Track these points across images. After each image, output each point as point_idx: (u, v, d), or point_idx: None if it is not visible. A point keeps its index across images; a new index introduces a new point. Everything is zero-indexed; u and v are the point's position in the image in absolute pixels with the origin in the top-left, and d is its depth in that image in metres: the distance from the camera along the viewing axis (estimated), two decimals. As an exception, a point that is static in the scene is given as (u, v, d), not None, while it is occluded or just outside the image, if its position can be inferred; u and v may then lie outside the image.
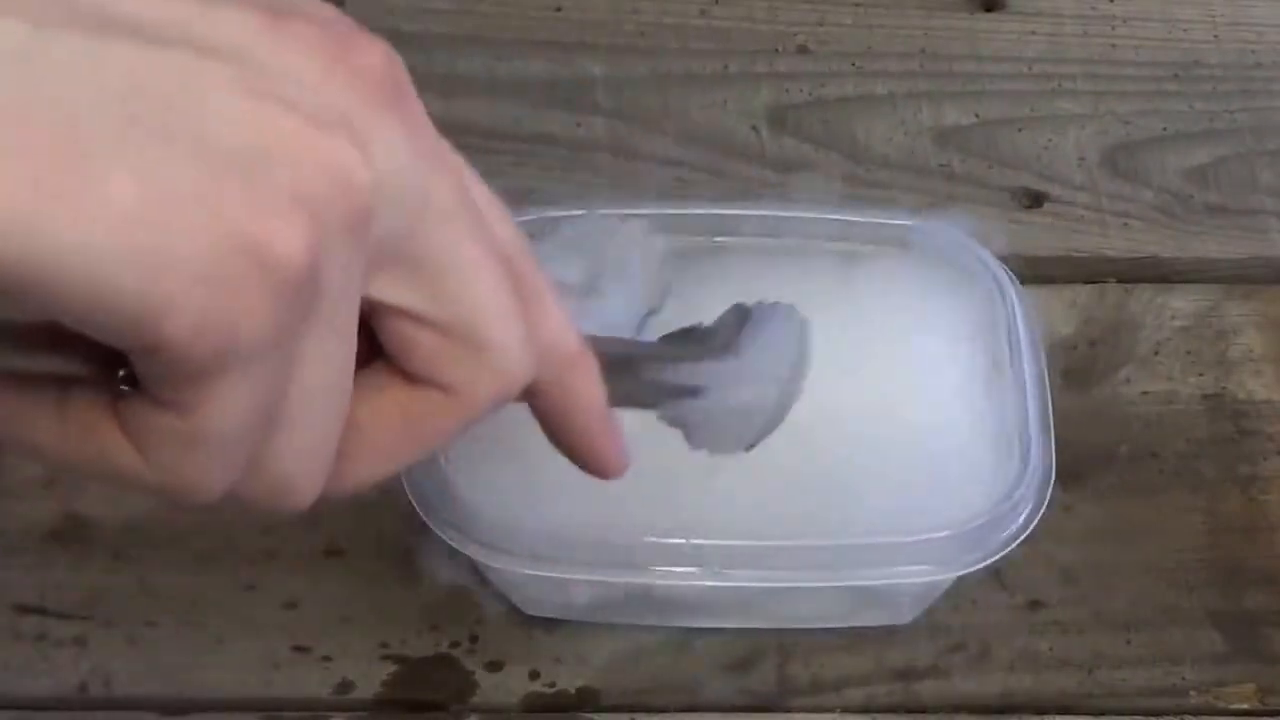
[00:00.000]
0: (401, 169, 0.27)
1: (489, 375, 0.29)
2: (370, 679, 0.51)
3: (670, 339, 0.40)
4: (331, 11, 0.28)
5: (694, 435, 0.40)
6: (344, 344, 0.27)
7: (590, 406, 0.32)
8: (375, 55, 0.27)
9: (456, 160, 0.29)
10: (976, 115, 0.65)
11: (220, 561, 0.52)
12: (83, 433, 0.27)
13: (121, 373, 0.26)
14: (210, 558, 0.53)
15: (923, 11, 0.67)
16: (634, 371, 0.38)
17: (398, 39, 0.26)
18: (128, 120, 0.23)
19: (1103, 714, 0.51)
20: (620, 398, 0.35)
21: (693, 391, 0.39)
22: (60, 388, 0.27)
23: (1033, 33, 0.67)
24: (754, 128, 0.64)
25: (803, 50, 0.66)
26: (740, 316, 0.41)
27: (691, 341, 0.40)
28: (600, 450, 0.33)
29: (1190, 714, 0.51)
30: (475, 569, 0.50)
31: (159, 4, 0.25)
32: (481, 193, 0.30)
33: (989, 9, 0.68)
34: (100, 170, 0.23)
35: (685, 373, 0.39)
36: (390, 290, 0.28)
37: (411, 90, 0.28)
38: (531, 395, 0.31)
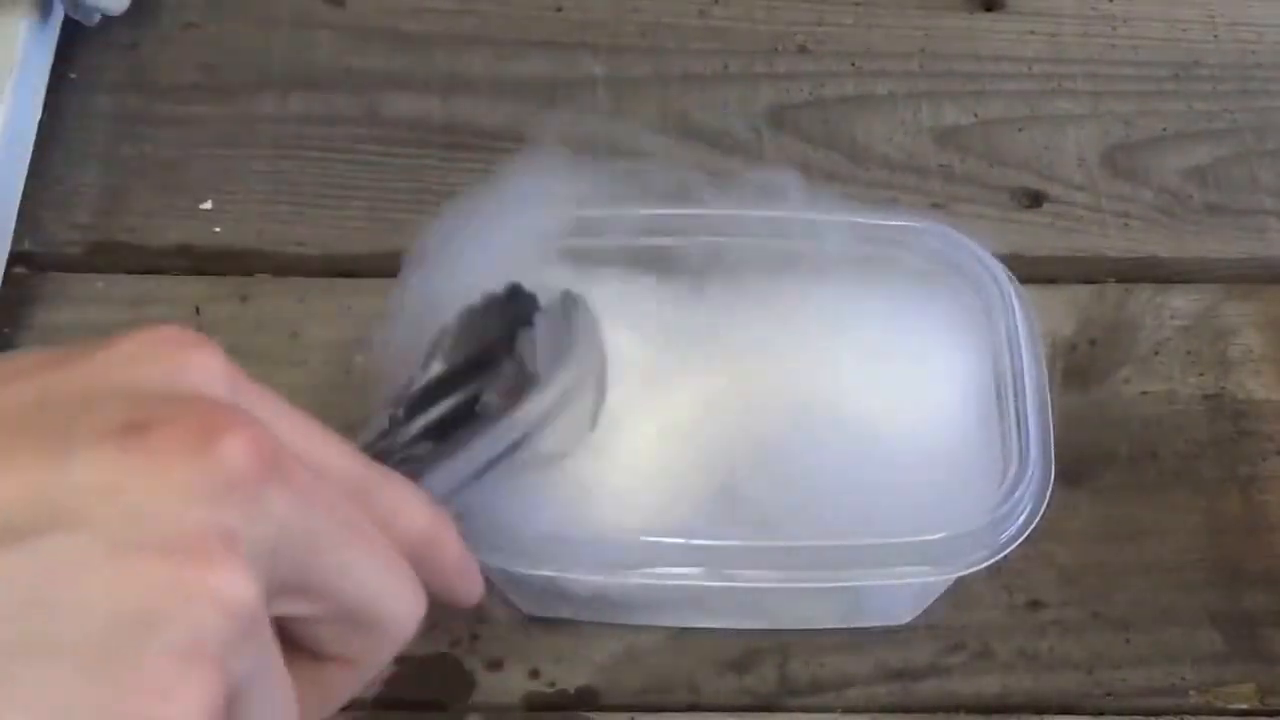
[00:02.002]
0: (285, 530, 0.28)
1: (386, 642, 0.32)
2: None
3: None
4: (193, 371, 0.29)
5: (540, 463, 0.42)
6: (278, 690, 0.29)
7: (450, 566, 0.35)
8: (238, 445, 0.27)
9: (323, 470, 0.31)
10: (976, 115, 0.65)
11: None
12: None
13: None
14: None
15: (923, 11, 0.68)
16: (465, 465, 0.39)
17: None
18: (17, 643, 0.24)
19: (1102, 714, 0.51)
20: (459, 486, 0.38)
21: (514, 445, 0.40)
22: None
23: (1033, 33, 0.67)
24: (754, 128, 0.64)
25: (803, 50, 0.66)
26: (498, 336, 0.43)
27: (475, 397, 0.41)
28: (460, 593, 0.36)
29: (1190, 714, 0.51)
30: (475, 569, 0.50)
31: (12, 478, 0.25)
32: (340, 460, 0.32)
33: (989, 9, 0.68)
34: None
35: (501, 432, 0.40)
36: (290, 607, 0.29)
37: (279, 451, 0.28)
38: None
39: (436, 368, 0.42)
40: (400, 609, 0.32)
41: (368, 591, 0.31)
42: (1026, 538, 0.46)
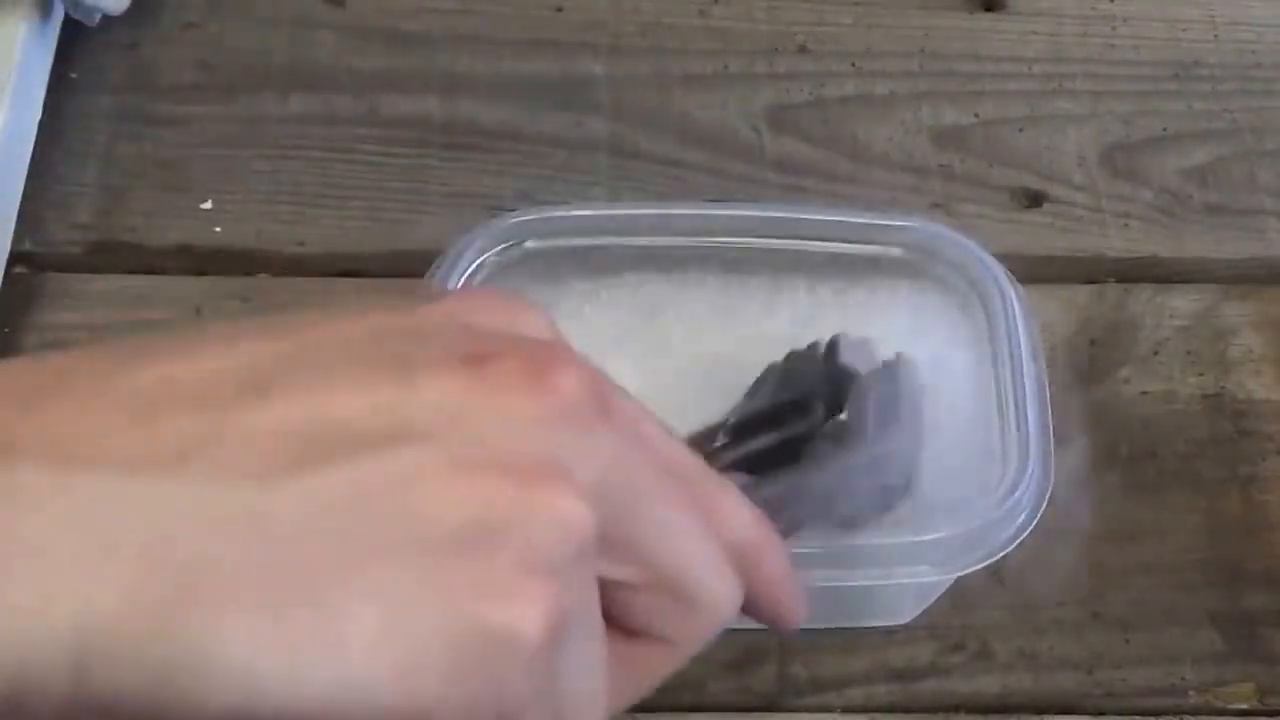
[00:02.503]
0: (609, 472, 0.28)
1: (703, 623, 0.31)
2: (370, 678, 0.51)
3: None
4: (521, 322, 0.30)
5: (850, 521, 0.43)
6: (597, 638, 0.29)
7: (777, 583, 0.34)
8: (572, 378, 0.28)
9: (649, 431, 0.31)
10: (976, 115, 0.65)
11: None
12: None
13: None
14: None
15: (923, 11, 0.68)
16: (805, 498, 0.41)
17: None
18: (357, 543, 0.25)
19: (1102, 714, 0.51)
20: (797, 526, 0.39)
21: (855, 486, 0.42)
22: None
23: (1033, 33, 0.67)
24: (754, 128, 0.64)
25: (803, 50, 0.66)
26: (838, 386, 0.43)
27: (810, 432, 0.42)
28: (786, 615, 0.35)
29: (1189, 714, 0.51)
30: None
31: (361, 395, 0.26)
32: (664, 440, 0.32)
33: (989, 9, 0.68)
34: (343, 609, 0.25)
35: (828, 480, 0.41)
36: (607, 568, 0.29)
37: (608, 389, 0.29)
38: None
39: (761, 402, 0.43)
40: (719, 589, 0.31)
41: (687, 562, 0.30)
42: (1026, 537, 0.46)
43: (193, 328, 0.26)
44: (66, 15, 0.63)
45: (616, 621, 0.31)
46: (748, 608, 0.34)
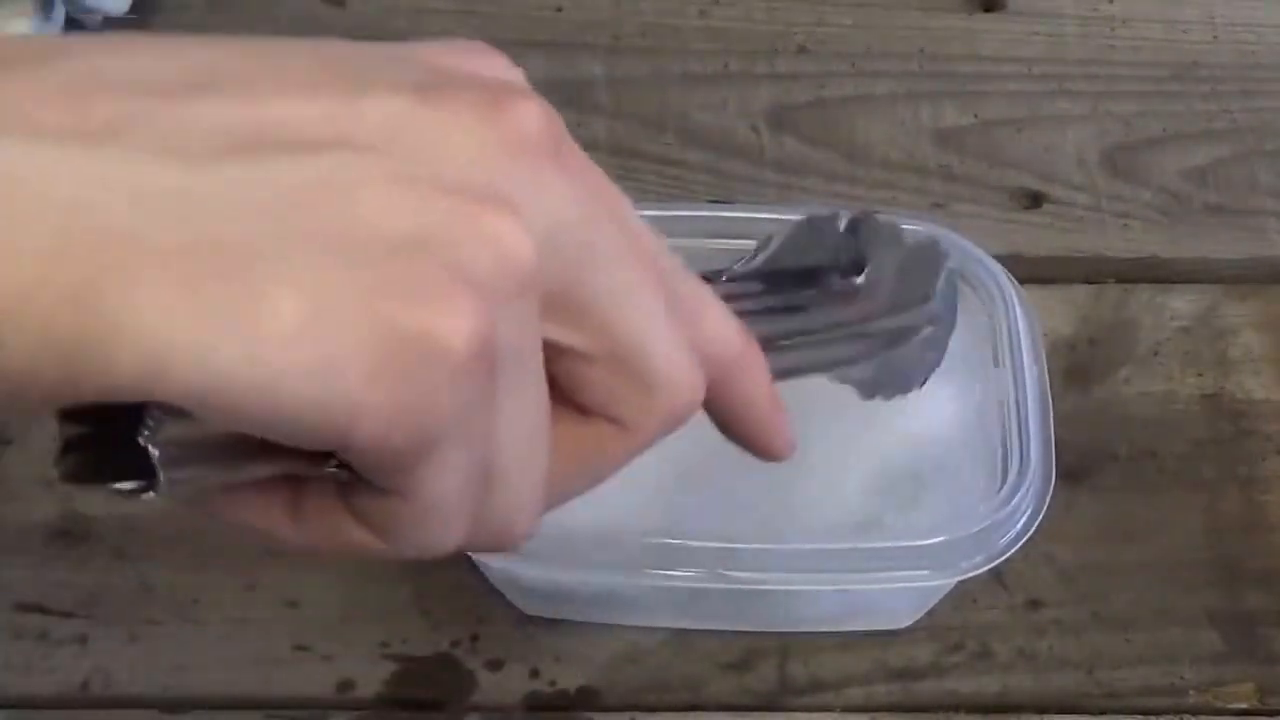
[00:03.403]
0: (562, 223, 0.27)
1: (659, 407, 0.30)
2: (371, 678, 0.51)
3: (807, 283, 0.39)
4: (484, 64, 0.28)
5: (866, 388, 0.40)
6: (536, 391, 0.28)
7: (758, 400, 0.33)
8: (529, 114, 0.27)
9: (613, 196, 0.29)
10: (976, 115, 0.65)
11: (221, 560, 0.53)
12: (319, 524, 0.28)
13: (334, 463, 0.26)
14: (211, 556, 0.53)
15: (922, 11, 0.68)
16: (802, 345, 0.38)
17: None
18: (284, 236, 0.24)
19: (1102, 713, 0.51)
20: (790, 370, 0.36)
21: (864, 349, 0.39)
22: (292, 487, 0.28)
23: (1033, 33, 0.67)
24: (754, 128, 0.64)
25: (803, 50, 0.66)
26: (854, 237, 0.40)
27: (834, 285, 0.39)
28: (769, 439, 0.34)
29: (1189, 713, 0.51)
30: (476, 568, 0.50)
31: (306, 103, 0.25)
32: (634, 218, 0.30)
33: (989, 9, 0.68)
34: (263, 292, 0.24)
35: (853, 324, 0.39)
36: (558, 332, 0.28)
37: (569, 140, 0.28)
38: (713, 387, 0.32)
39: (763, 262, 0.40)
40: (679, 372, 0.30)
41: (645, 335, 0.29)
42: (1027, 538, 0.47)
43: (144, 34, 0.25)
44: (68, 16, 0.63)
45: (567, 395, 0.29)
46: (725, 427, 0.33)
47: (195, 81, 0.25)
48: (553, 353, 0.28)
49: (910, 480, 0.48)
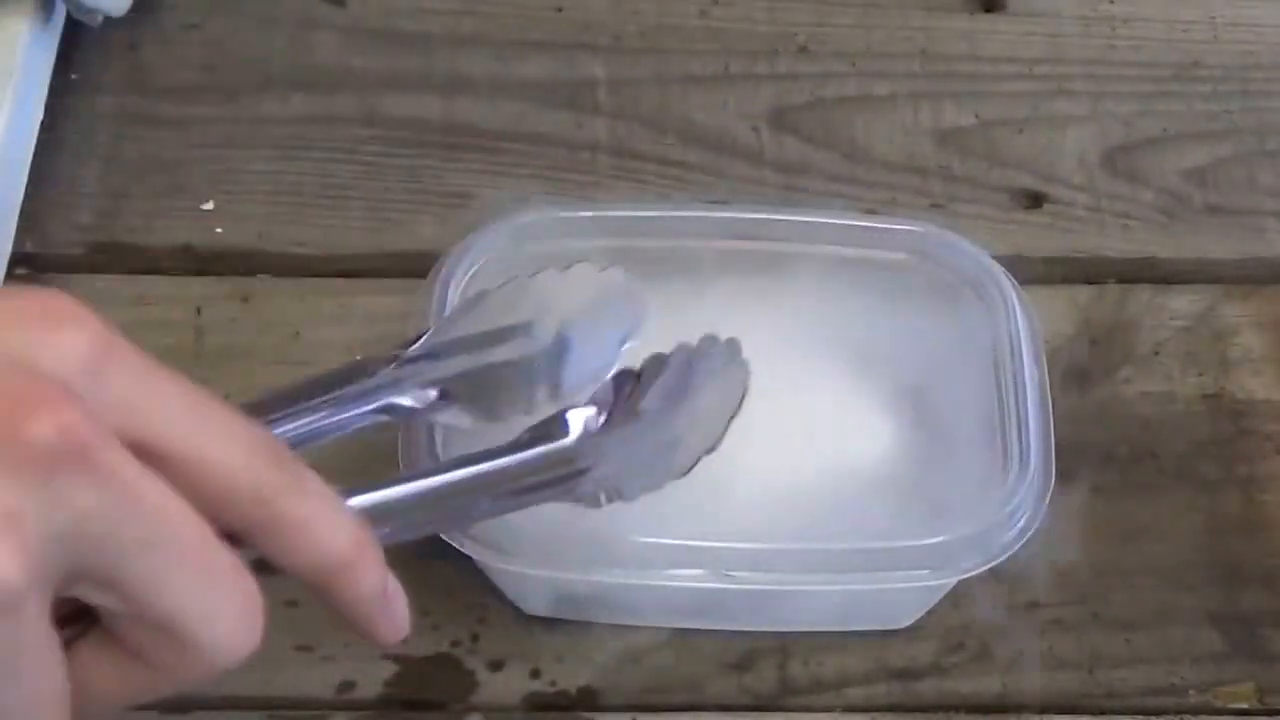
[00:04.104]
0: (81, 520, 0.27)
1: (199, 662, 0.30)
2: (371, 678, 0.51)
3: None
4: (59, 345, 0.28)
5: (615, 497, 0.42)
6: (23, 686, 0.28)
7: (363, 599, 0.33)
8: (46, 421, 0.27)
9: (144, 483, 0.29)
10: (976, 116, 0.65)
11: (221, 561, 0.52)
12: None
13: None
14: (211, 557, 0.53)
15: (923, 11, 0.68)
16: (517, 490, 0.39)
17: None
18: None
19: (1102, 714, 0.51)
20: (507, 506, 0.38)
21: (584, 470, 0.40)
22: None
23: (1033, 33, 0.67)
24: (754, 128, 0.64)
25: (803, 50, 0.66)
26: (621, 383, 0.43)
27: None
28: (373, 633, 0.34)
29: (1189, 713, 0.51)
30: (476, 568, 0.50)
31: None
32: (217, 433, 0.30)
33: (989, 9, 0.68)
34: None
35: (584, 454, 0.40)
36: (92, 595, 0.28)
37: (96, 432, 0.27)
38: (312, 588, 0.33)
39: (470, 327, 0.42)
40: (222, 636, 0.30)
41: (183, 609, 0.29)
42: (1027, 538, 0.47)
43: None
44: (68, 16, 0.63)
45: (109, 630, 0.30)
46: (334, 611, 0.33)
47: None
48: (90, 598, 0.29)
49: (910, 481, 0.48)
